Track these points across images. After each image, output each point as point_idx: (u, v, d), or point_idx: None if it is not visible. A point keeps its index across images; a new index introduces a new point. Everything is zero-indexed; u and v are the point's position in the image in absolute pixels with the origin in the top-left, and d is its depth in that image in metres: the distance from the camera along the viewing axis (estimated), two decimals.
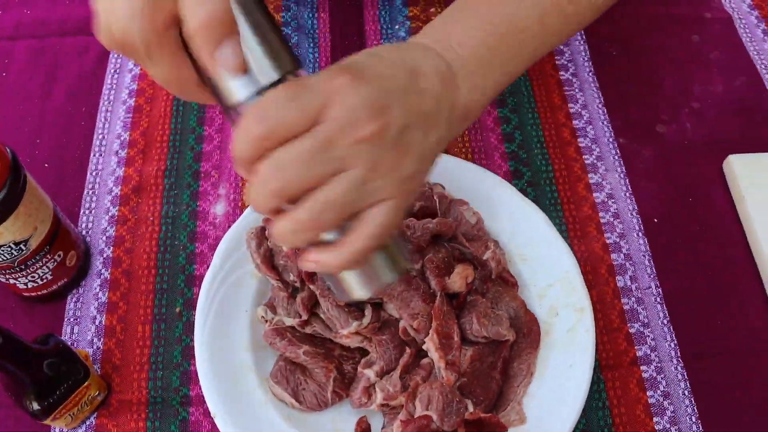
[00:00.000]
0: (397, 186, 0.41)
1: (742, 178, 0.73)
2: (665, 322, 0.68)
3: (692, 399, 0.65)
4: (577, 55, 0.84)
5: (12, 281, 0.64)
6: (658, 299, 0.69)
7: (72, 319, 0.68)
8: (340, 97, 0.39)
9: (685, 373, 0.66)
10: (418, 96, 0.43)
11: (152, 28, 0.37)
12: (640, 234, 0.73)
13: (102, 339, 0.67)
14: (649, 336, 0.68)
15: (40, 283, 0.65)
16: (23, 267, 0.62)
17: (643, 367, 0.66)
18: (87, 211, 0.73)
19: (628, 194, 0.75)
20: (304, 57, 0.83)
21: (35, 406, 0.57)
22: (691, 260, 0.72)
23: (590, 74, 0.82)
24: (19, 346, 0.54)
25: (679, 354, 0.67)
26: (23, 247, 0.60)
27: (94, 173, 0.75)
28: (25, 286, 0.65)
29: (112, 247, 0.71)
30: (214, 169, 0.76)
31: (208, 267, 0.66)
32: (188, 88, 0.41)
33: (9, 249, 0.59)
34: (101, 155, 0.76)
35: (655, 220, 0.73)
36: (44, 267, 0.64)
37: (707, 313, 0.69)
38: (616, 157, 0.77)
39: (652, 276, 0.71)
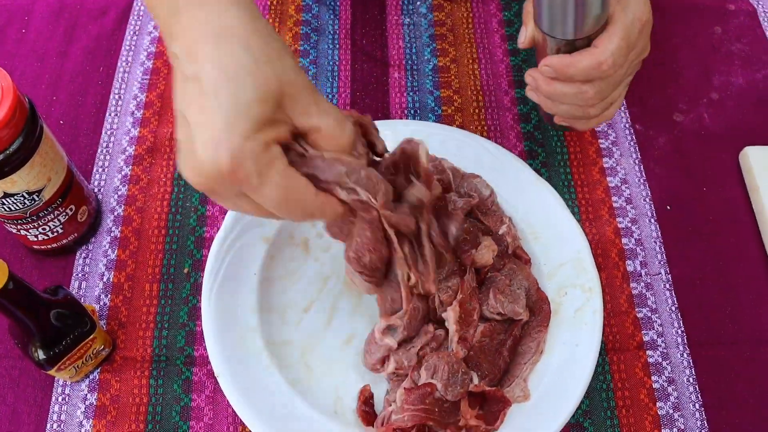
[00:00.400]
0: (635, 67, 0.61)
1: (757, 169, 0.73)
2: (673, 308, 0.68)
3: (696, 386, 0.65)
4: None
5: (23, 232, 0.64)
6: (668, 285, 0.69)
7: (80, 275, 0.68)
8: (644, 32, 0.59)
9: (690, 360, 0.66)
10: (650, 25, 0.60)
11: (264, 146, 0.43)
12: (653, 220, 0.72)
13: (109, 296, 0.67)
14: (656, 321, 0.67)
15: (51, 236, 0.65)
16: (35, 218, 0.62)
17: (649, 352, 0.66)
18: (100, 170, 0.73)
19: (642, 180, 0.74)
20: (324, 51, 0.83)
21: (41, 355, 0.57)
22: (702, 249, 0.71)
23: None
24: (29, 294, 0.54)
25: (685, 341, 0.66)
26: (36, 198, 0.60)
27: (108, 132, 0.75)
28: (35, 239, 0.65)
29: (123, 206, 0.71)
30: None
31: (218, 229, 0.66)
32: (304, 198, 0.46)
33: (22, 198, 0.60)
34: (117, 115, 0.76)
35: (668, 207, 0.73)
36: (55, 220, 0.64)
37: (716, 302, 0.69)
38: (632, 143, 0.77)
39: (662, 262, 0.70)
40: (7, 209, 0.60)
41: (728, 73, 0.82)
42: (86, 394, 0.62)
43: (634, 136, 0.77)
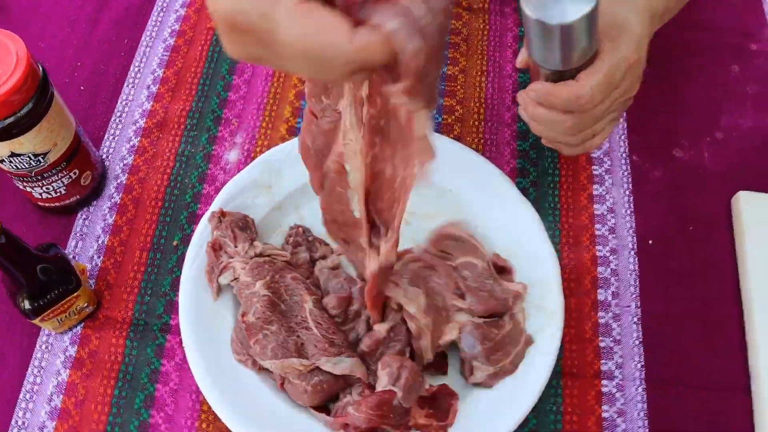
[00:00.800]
0: (622, 104, 0.61)
1: (747, 215, 0.73)
2: (637, 342, 0.69)
3: (646, 422, 0.66)
4: None
5: (29, 189, 0.69)
6: (635, 319, 0.70)
7: (78, 234, 0.72)
8: (632, 72, 0.58)
9: (644, 396, 0.67)
10: (640, 66, 0.59)
11: None
12: (632, 252, 0.73)
13: (101, 257, 0.71)
14: (617, 353, 0.68)
15: (54, 195, 0.70)
16: (39, 178, 0.67)
17: (604, 382, 0.67)
18: (111, 138, 0.78)
19: (629, 212, 0.75)
20: None
21: (26, 305, 0.62)
22: (677, 287, 0.72)
23: None
24: (19, 248, 0.59)
25: (643, 376, 0.67)
26: (41, 160, 0.65)
27: (123, 102, 0.80)
28: (39, 196, 0.70)
29: (127, 175, 0.76)
30: (235, 118, 0.79)
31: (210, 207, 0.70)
32: (334, 39, 0.33)
33: (28, 159, 0.64)
34: (134, 87, 0.81)
35: (650, 242, 0.74)
36: (59, 181, 0.68)
37: (682, 343, 0.69)
38: (626, 174, 0.77)
39: (634, 296, 0.71)
40: (14, 167, 0.65)
41: (738, 114, 0.81)
42: (67, 346, 0.67)
43: (629, 167, 0.77)
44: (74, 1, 0.86)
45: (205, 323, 0.65)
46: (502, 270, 0.68)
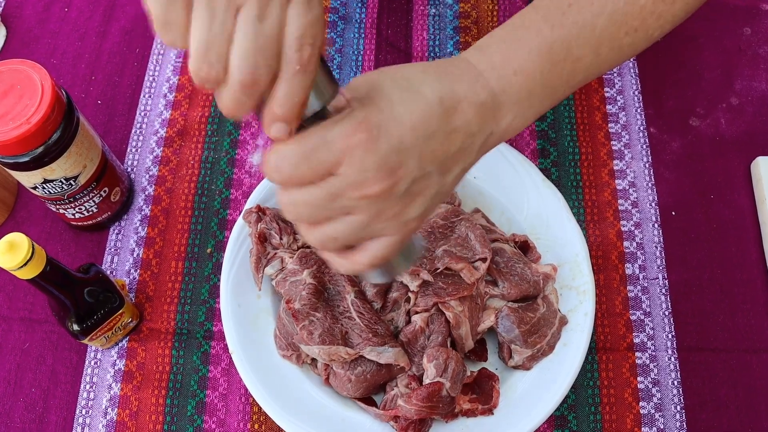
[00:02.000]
0: (399, 228, 0.44)
1: (767, 179, 0.74)
2: (666, 313, 0.71)
3: (680, 389, 0.68)
4: None
5: (62, 211, 0.70)
6: (664, 290, 0.72)
7: (113, 250, 0.74)
8: (353, 156, 0.40)
9: (677, 364, 0.69)
10: (447, 138, 0.43)
11: None
12: (656, 225, 0.74)
13: (138, 270, 0.73)
14: (648, 325, 0.71)
15: (86, 215, 0.71)
16: (72, 200, 0.68)
17: (637, 354, 0.69)
18: (133, 150, 0.78)
19: (650, 184, 0.76)
20: (350, 40, 0.85)
21: (75, 327, 0.64)
22: (702, 256, 0.73)
23: (631, 60, 0.82)
24: (65, 275, 0.60)
25: (675, 345, 0.70)
26: (73, 183, 0.66)
27: (142, 113, 0.80)
28: (72, 216, 0.71)
29: (154, 186, 0.77)
30: (256, 120, 0.80)
31: (240, 213, 0.71)
32: None
33: (60, 183, 0.65)
34: (150, 97, 0.81)
35: (673, 213, 0.75)
36: (90, 201, 0.69)
37: (709, 310, 0.71)
38: (644, 146, 0.78)
39: (661, 267, 0.73)
40: (47, 192, 0.66)
41: (752, 77, 0.81)
42: (115, 360, 0.69)
43: (647, 140, 0.78)
44: (82, 13, 0.85)
45: (247, 326, 0.67)
46: (525, 248, 0.70)
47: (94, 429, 0.67)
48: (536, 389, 0.65)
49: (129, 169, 0.77)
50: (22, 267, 0.53)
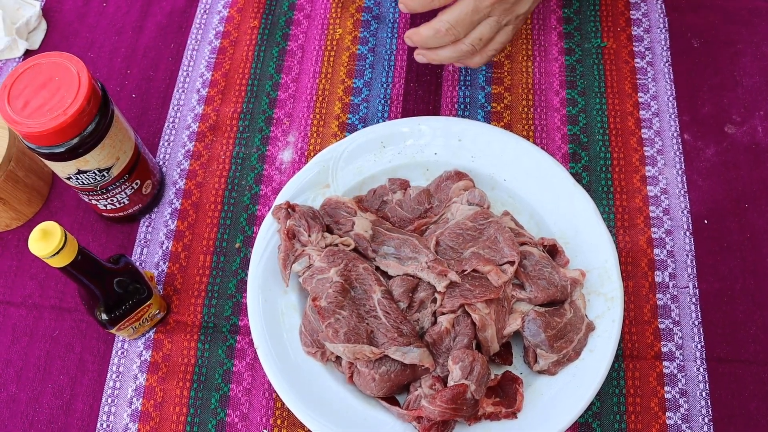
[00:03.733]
0: (515, 20, 0.71)
1: None
2: (696, 323, 0.70)
3: (708, 401, 0.67)
4: (656, 43, 0.83)
5: (94, 202, 0.71)
6: (694, 300, 0.71)
7: (143, 242, 0.75)
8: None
9: (706, 375, 0.68)
10: None
11: None
12: (688, 233, 0.73)
13: (167, 263, 0.74)
14: (677, 334, 0.69)
15: (118, 206, 0.72)
16: (104, 191, 0.69)
17: (665, 363, 0.68)
18: (165, 144, 0.79)
19: (682, 192, 0.75)
20: (382, 40, 0.85)
21: (104, 316, 0.65)
22: (734, 266, 0.72)
23: (666, 65, 0.81)
24: (95, 265, 0.61)
25: (704, 355, 0.68)
26: (106, 174, 0.67)
27: (175, 108, 0.81)
28: (104, 207, 0.72)
29: (184, 180, 0.77)
30: (286, 117, 0.80)
31: (269, 209, 0.71)
32: None
33: (93, 174, 0.66)
34: (184, 92, 0.82)
35: (706, 221, 0.74)
36: (122, 193, 0.70)
37: (741, 321, 0.70)
38: (678, 153, 0.77)
39: (691, 276, 0.72)
40: (81, 183, 0.67)
41: None
42: (142, 351, 0.70)
43: (681, 146, 0.77)
44: (119, 8, 0.87)
45: (273, 322, 0.67)
46: (553, 252, 0.69)
47: (119, 418, 0.68)
48: (561, 395, 0.65)
49: (161, 163, 0.78)
50: (54, 255, 0.54)
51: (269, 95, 0.81)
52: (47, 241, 0.54)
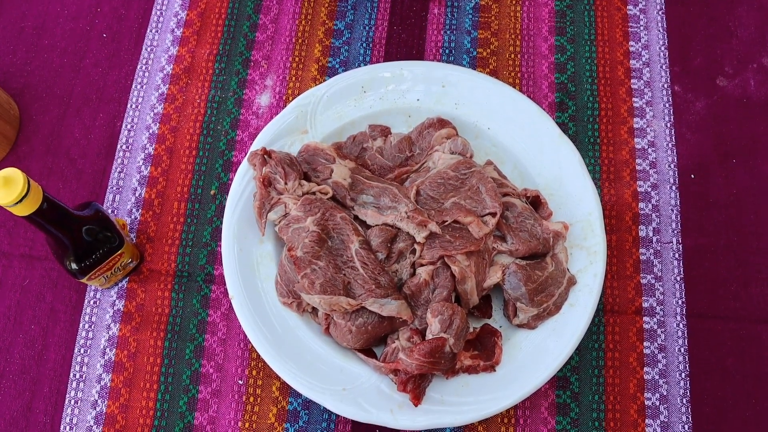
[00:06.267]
0: None
1: None
2: (678, 278, 0.69)
3: (686, 356, 0.67)
4: None
5: None
6: (677, 255, 0.70)
7: (114, 188, 0.72)
8: None
9: (685, 331, 0.67)
10: None
11: None
12: (674, 187, 0.72)
13: (140, 210, 0.71)
14: (659, 290, 0.69)
15: None
16: None
17: (645, 318, 0.68)
18: (138, 87, 0.76)
19: (670, 145, 0.73)
20: (361, 16, 0.81)
21: (74, 266, 0.63)
22: (719, 222, 0.71)
23: (660, 13, 0.78)
24: (62, 213, 0.59)
25: (684, 311, 0.68)
26: None
27: (148, 49, 0.77)
28: None
29: (158, 124, 0.74)
30: (264, 60, 0.77)
31: (245, 155, 0.69)
32: None
33: None
34: (157, 32, 0.78)
35: (692, 176, 0.72)
36: None
37: (723, 278, 0.69)
38: (667, 105, 0.75)
39: (676, 231, 0.71)
40: None
41: None
42: (115, 300, 0.69)
43: (670, 98, 0.75)
44: None
45: (248, 272, 0.66)
46: (537, 204, 0.68)
47: (93, 368, 0.67)
48: (540, 349, 0.64)
49: (134, 106, 0.75)
50: (17, 203, 0.52)
51: (247, 37, 0.78)
52: (9, 189, 0.52)
